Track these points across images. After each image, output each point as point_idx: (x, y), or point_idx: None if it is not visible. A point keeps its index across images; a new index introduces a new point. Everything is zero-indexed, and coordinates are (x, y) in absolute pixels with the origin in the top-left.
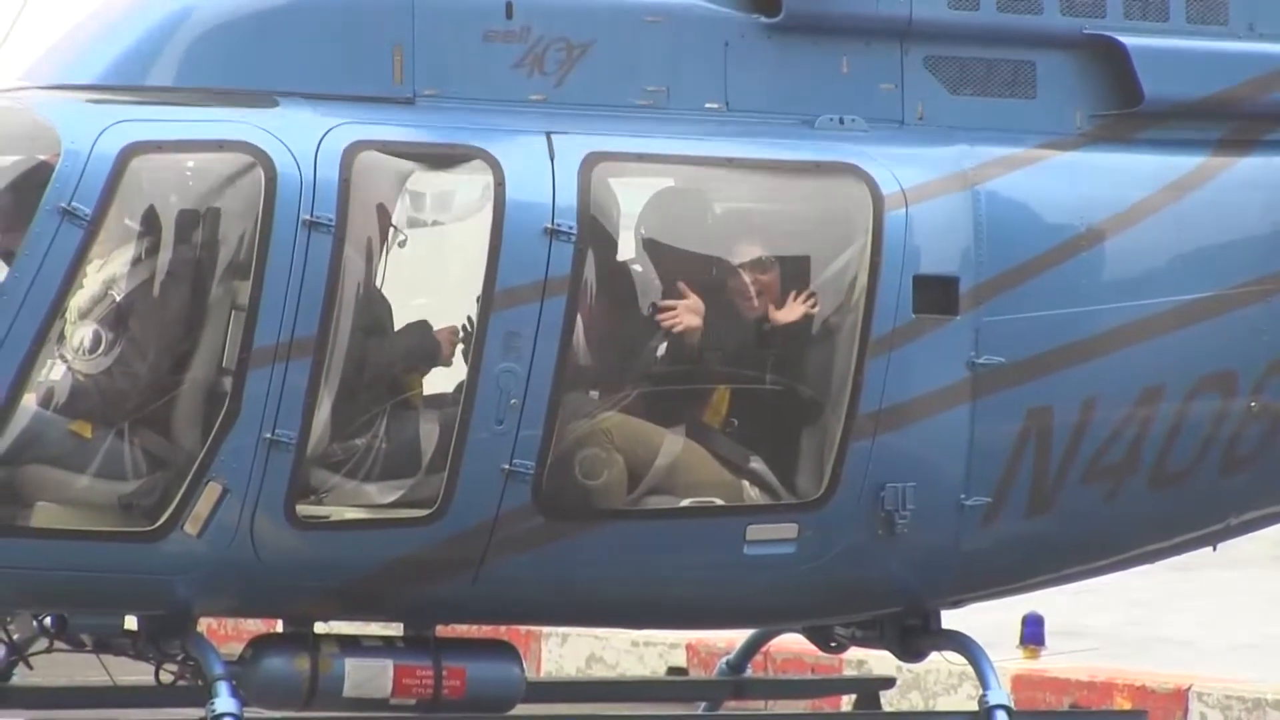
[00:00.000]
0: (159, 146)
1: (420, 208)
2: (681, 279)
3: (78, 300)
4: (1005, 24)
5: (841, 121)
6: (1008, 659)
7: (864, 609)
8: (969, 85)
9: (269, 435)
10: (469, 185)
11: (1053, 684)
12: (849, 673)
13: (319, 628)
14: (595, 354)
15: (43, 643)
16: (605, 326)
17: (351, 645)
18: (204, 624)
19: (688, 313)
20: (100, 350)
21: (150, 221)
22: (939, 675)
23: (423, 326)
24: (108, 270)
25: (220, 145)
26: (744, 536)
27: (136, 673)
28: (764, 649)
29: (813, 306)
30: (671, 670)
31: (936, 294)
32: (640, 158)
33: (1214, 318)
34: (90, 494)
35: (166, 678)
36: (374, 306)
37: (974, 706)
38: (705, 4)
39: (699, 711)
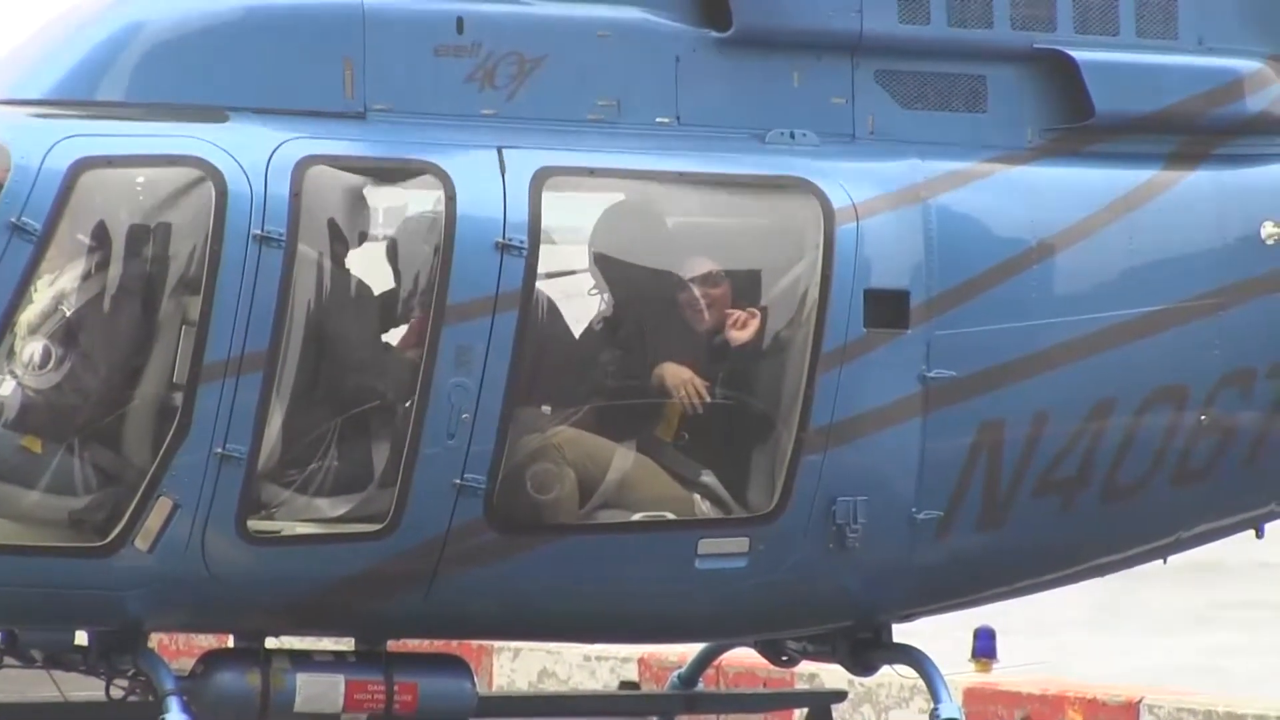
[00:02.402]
0: (109, 161)
1: (371, 222)
2: (633, 293)
3: (27, 315)
4: (956, 38)
5: (792, 136)
6: (959, 672)
7: (816, 623)
8: (920, 99)
9: (220, 450)
10: (420, 200)
11: (1005, 697)
12: (801, 686)
13: (270, 643)
14: (546, 369)
15: None
16: (556, 341)
17: (303, 660)
18: (155, 639)
19: (741, 327)
20: (50, 365)
21: (100, 237)
22: (891, 689)
23: (374, 341)
24: (58, 285)
25: (170, 160)
26: (695, 550)
27: (87, 688)
28: (716, 663)
29: (764, 321)
30: (624, 684)
31: (887, 308)
32: (591, 172)
33: (1165, 332)
34: (41, 509)
35: (117, 693)
36: (325, 321)
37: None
38: (656, 19)
39: None
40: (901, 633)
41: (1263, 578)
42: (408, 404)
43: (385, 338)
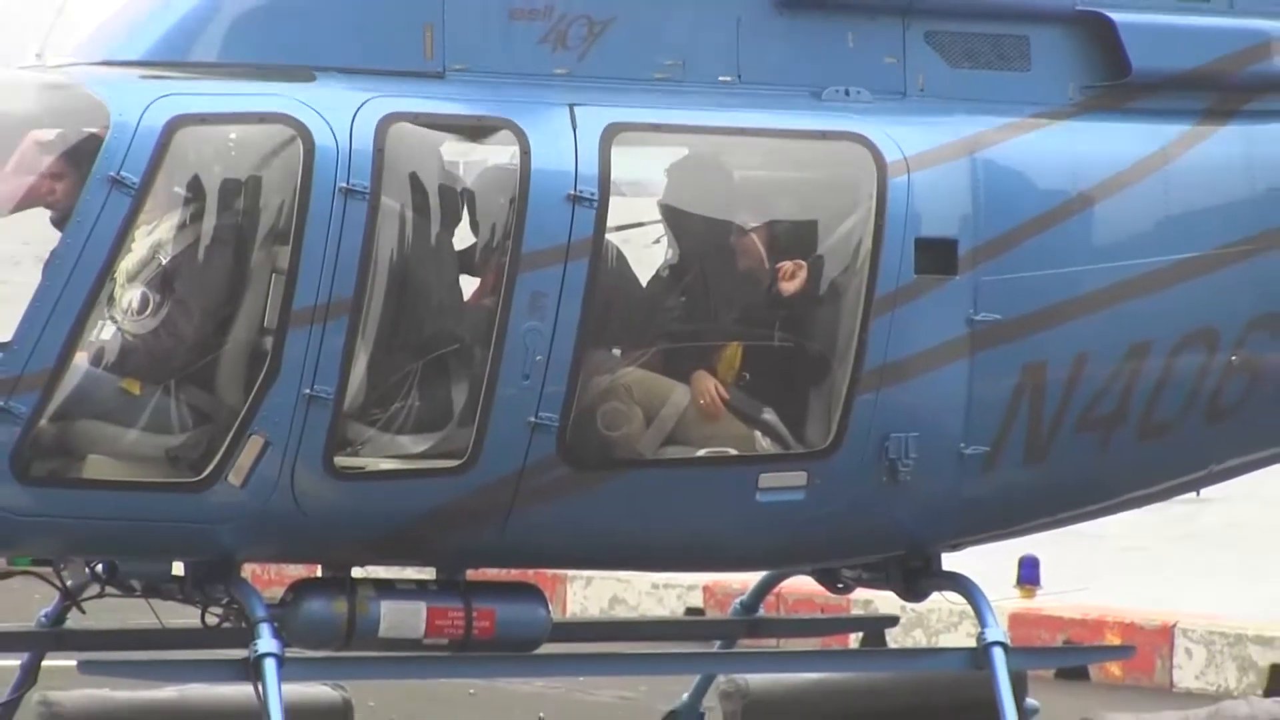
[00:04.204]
0: (203, 119)
1: (450, 176)
2: (697, 242)
3: (126, 264)
4: (1001, 0)
5: (847, 93)
6: (1005, 598)
7: (870, 552)
8: (967, 58)
9: (308, 391)
10: (496, 154)
11: (1047, 622)
12: (856, 612)
13: (356, 572)
14: (615, 313)
15: (94, 588)
16: (625, 287)
17: (387, 589)
18: (248, 569)
19: (789, 278)
20: (148, 311)
21: (195, 190)
22: (940, 614)
23: (453, 288)
24: (155, 236)
25: (261, 117)
26: (756, 484)
27: (183, 616)
28: (776, 590)
29: (817, 268)
30: (689, 611)
31: (937, 255)
32: (658, 128)
33: (1198, 277)
34: (139, 447)
35: (212, 620)
36: (407, 269)
37: (973, 643)
38: None
39: (715, 649)
40: (951, 561)
41: None
42: (485, 347)
43: (463, 285)
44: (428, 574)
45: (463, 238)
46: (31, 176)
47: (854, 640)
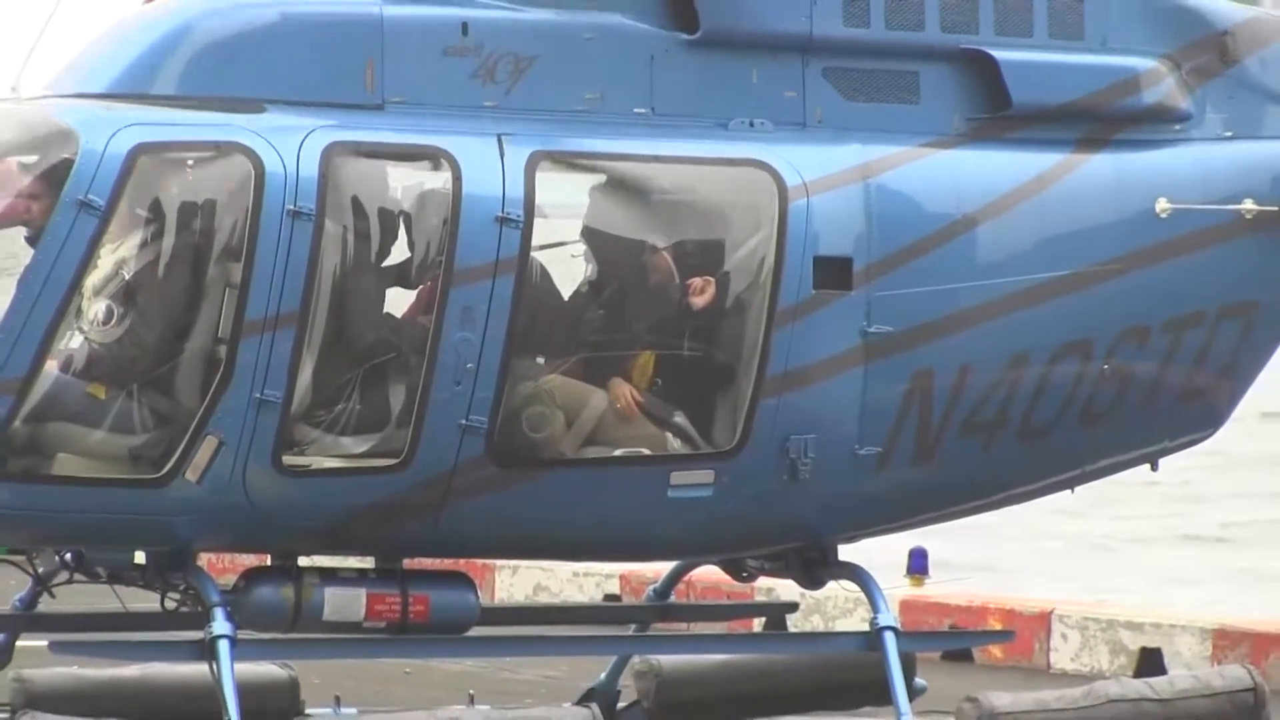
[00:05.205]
0: (163, 147)
1: (388, 199)
2: (614, 260)
3: (93, 279)
4: (892, 39)
5: (751, 124)
6: (896, 587)
7: (772, 544)
8: (861, 92)
9: (259, 395)
10: (430, 180)
11: (935, 608)
12: (759, 599)
13: (302, 561)
14: (539, 325)
15: (64, 575)
16: (548, 301)
17: (330, 576)
18: (203, 558)
19: (699, 293)
20: (113, 322)
21: (156, 211)
22: (837, 601)
23: (391, 301)
24: (119, 253)
25: (216, 145)
26: (668, 482)
27: (145, 601)
28: (686, 579)
29: (723, 284)
30: (607, 597)
31: (834, 272)
32: (579, 155)
33: (1072, 292)
34: (104, 447)
35: (171, 605)
36: (349, 284)
37: (866, 628)
38: (634, 23)
39: (630, 632)
40: (846, 552)
41: None
42: (420, 356)
43: (400, 299)
44: (368, 563)
45: (400, 256)
46: (8, 199)
47: (757, 624)
